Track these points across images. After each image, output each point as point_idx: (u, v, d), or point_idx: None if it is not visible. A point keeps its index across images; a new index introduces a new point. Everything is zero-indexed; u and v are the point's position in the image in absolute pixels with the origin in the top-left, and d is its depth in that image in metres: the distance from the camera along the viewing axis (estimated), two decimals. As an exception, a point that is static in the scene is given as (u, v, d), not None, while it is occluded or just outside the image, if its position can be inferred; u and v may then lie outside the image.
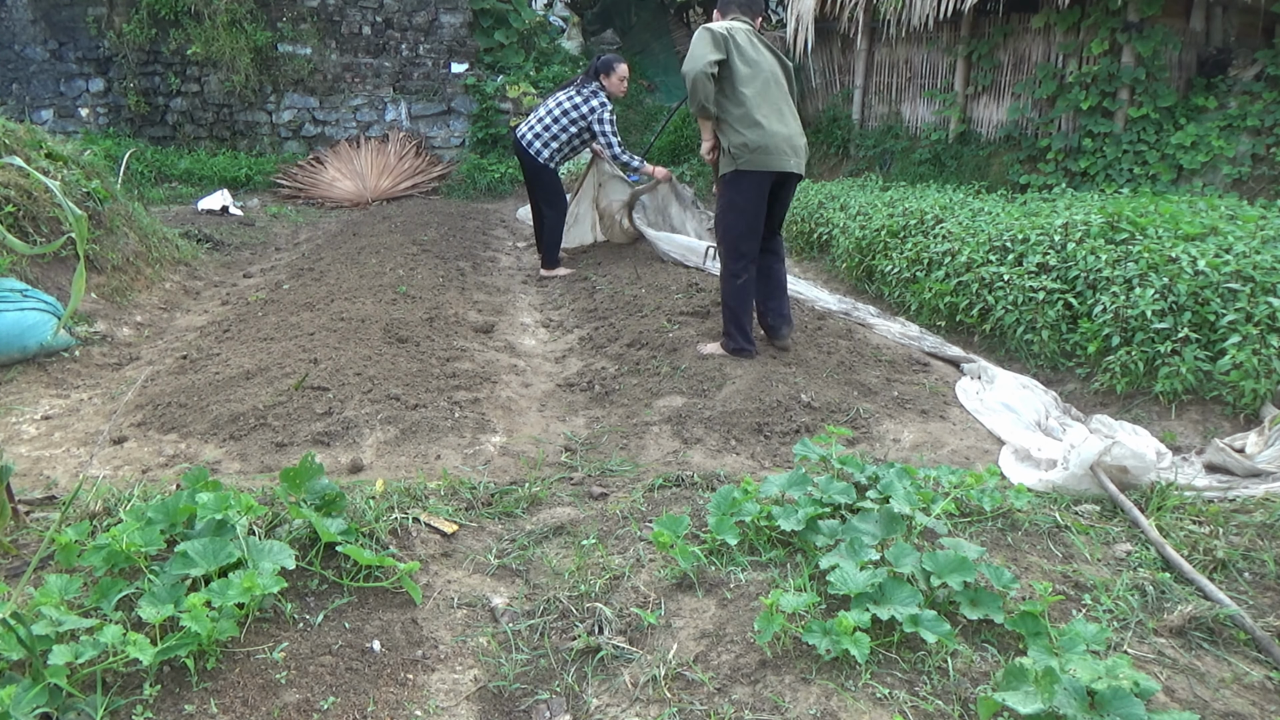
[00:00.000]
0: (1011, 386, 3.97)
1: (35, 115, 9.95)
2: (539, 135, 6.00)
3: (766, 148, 3.95)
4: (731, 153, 4.00)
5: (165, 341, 4.86)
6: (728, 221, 4.16)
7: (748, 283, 4.18)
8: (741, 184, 4.03)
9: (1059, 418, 3.81)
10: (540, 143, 6.01)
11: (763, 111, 3.96)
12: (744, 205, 4.08)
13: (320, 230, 8.18)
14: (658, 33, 13.50)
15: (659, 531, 2.33)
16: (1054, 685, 1.65)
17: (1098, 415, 3.79)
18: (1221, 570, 2.38)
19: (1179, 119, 6.41)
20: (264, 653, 1.94)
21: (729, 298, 4.20)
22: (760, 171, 3.99)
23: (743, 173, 4.00)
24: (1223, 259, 3.98)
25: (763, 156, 3.96)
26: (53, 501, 2.76)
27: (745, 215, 4.09)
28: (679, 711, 1.83)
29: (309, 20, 10.19)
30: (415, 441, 3.40)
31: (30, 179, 4.85)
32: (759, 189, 4.04)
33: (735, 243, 4.14)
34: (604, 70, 6.03)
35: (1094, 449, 2.95)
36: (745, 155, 3.96)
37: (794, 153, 4.04)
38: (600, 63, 6.10)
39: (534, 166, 6.10)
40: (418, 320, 4.77)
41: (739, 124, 3.96)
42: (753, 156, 3.96)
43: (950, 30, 8.01)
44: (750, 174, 4.00)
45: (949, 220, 5.55)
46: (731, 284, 4.18)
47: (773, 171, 4.00)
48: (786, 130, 4.02)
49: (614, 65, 6.06)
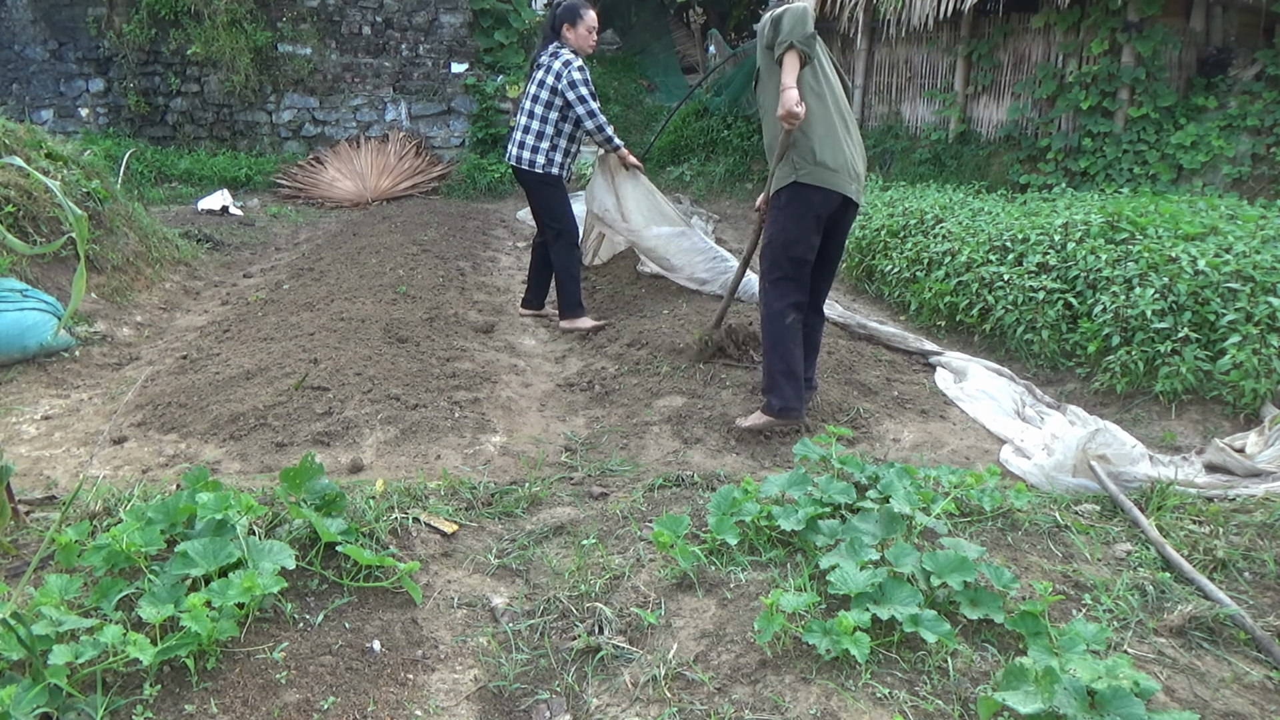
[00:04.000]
0: (985, 375, 4.08)
1: (35, 115, 9.95)
2: (523, 144, 4.85)
3: (834, 165, 3.36)
4: (794, 161, 3.37)
5: (165, 341, 4.86)
6: (776, 248, 3.47)
7: (796, 324, 3.49)
8: (799, 201, 3.38)
9: (1034, 405, 3.92)
10: (528, 150, 4.83)
11: (834, 123, 3.39)
12: (800, 230, 3.41)
13: (320, 230, 8.18)
14: (657, 33, 13.51)
15: (659, 531, 2.33)
16: (1054, 685, 1.65)
17: (1071, 406, 3.90)
18: (1221, 570, 2.38)
19: (1179, 119, 6.41)
20: (264, 653, 1.94)
21: (774, 341, 3.47)
22: (824, 189, 3.35)
23: (803, 187, 3.36)
24: (1223, 259, 3.98)
25: (828, 174, 3.35)
26: (53, 501, 2.76)
27: (800, 242, 3.43)
28: (679, 711, 1.83)
29: (309, 20, 10.19)
30: (415, 441, 3.40)
31: (30, 179, 4.85)
32: (818, 211, 3.39)
33: (785, 274, 3.46)
34: (566, 20, 4.73)
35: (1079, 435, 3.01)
36: (808, 167, 3.34)
37: (855, 178, 3.44)
38: (561, 10, 4.75)
39: (532, 181, 4.89)
40: (418, 320, 4.77)
41: (810, 127, 3.34)
42: (816, 170, 3.34)
43: (950, 30, 8.01)
44: (812, 190, 3.36)
45: (949, 220, 5.55)
46: (778, 325, 3.46)
47: (836, 193, 3.38)
48: (851, 152, 3.44)
49: (579, 11, 4.74)
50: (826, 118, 3.37)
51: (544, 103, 4.75)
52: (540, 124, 4.79)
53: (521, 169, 4.88)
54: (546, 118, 4.77)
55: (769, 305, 3.49)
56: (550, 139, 4.80)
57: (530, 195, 4.98)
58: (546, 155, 4.82)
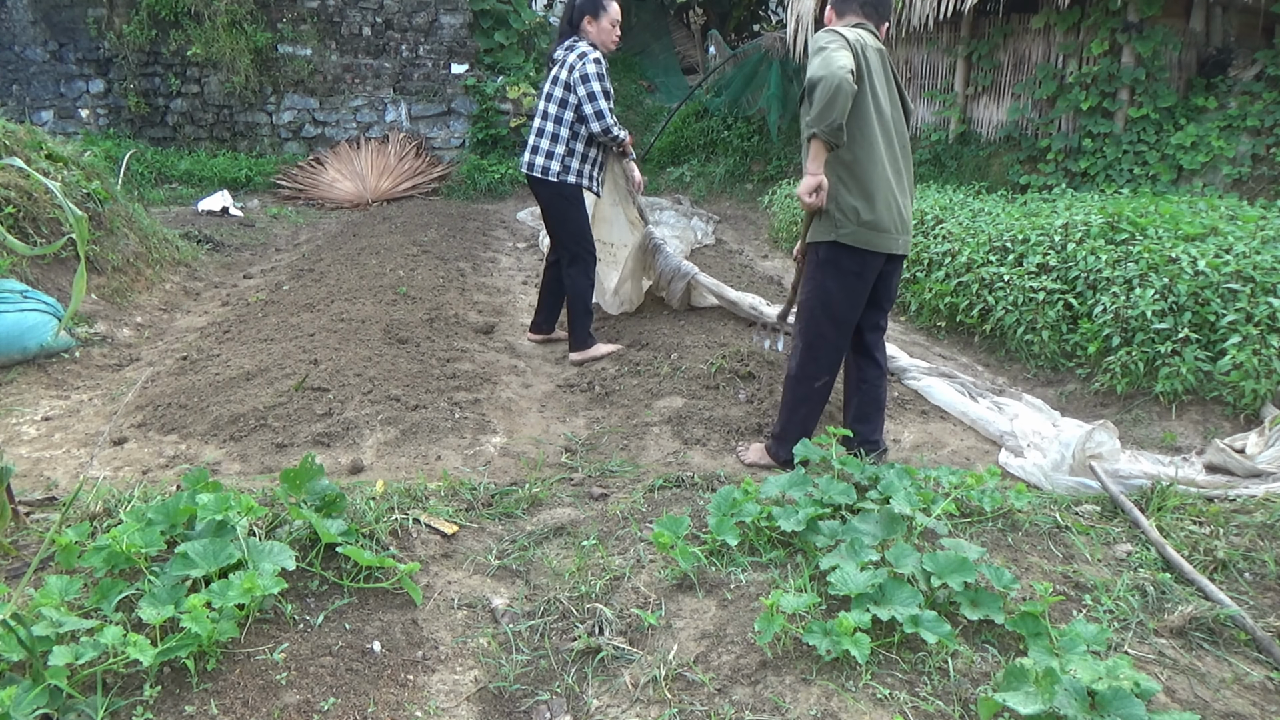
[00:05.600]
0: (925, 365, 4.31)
1: (35, 116, 9.96)
2: (535, 148, 4.29)
3: (880, 224, 2.97)
4: (835, 217, 2.98)
5: (165, 342, 4.86)
6: (815, 308, 3.11)
7: (826, 387, 3.19)
8: (841, 263, 3.02)
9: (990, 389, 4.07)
10: (542, 156, 4.26)
11: (883, 172, 2.96)
12: (841, 292, 3.05)
13: (320, 231, 8.19)
14: (657, 33, 13.52)
15: (659, 532, 2.33)
16: (1054, 686, 1.65)
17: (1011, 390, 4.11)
18: (1222, 570, 2.38)
19: (1179, 119, 6.41)
20: (264, 653, 1.94)
21: (797, 400, 3.20)
22: (867, 251, 2.99)
23: (844, 248, 2.99)
24: (1223, 259, 3.98)
25: (872, 234, 2.97)
26: (53, 503, 2.76)
27: (840, 304, 3.07)
28: (679, 712, 1.83)
29: (309, 21, 10.20)
30: (415, 442, 3.40)
31: (30, 180, 4.85)
32: (863, 273, 3.03)
33: (822, 336, 3.12)
34: (588, 12, 4.23)
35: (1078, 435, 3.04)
36: (850, 227, 2.96)
37: (903, 230, 3.05)
38: (582, 2, 4.24)
39: (547, 192, 4.31)
40: (418, 321, 4.77)
41: (853, 179, 2.95)
42: (859, 231, 2.96)
43: (950, 31, 8.01)
44: (854, 252, 2.99)
45: (949, 220, 5.55)
46: (805, 387, 3.18)
47: (881, 254, 3.02)
48: (902, 201, 3.04)
49: (602, 3, 4.22)
50: (874, 168, 2.94)
51: (558, 101, 4.22)
52: (555, 125, 4.24)
53: (535, 177, 4.30)
54: (561, 118, 4.22)
55: (801, 367, 3.16)
56: (566, 142, 4.23)
57: (546, 209, 4.39)
58: (562, 161, 4.24)
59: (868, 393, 3.22)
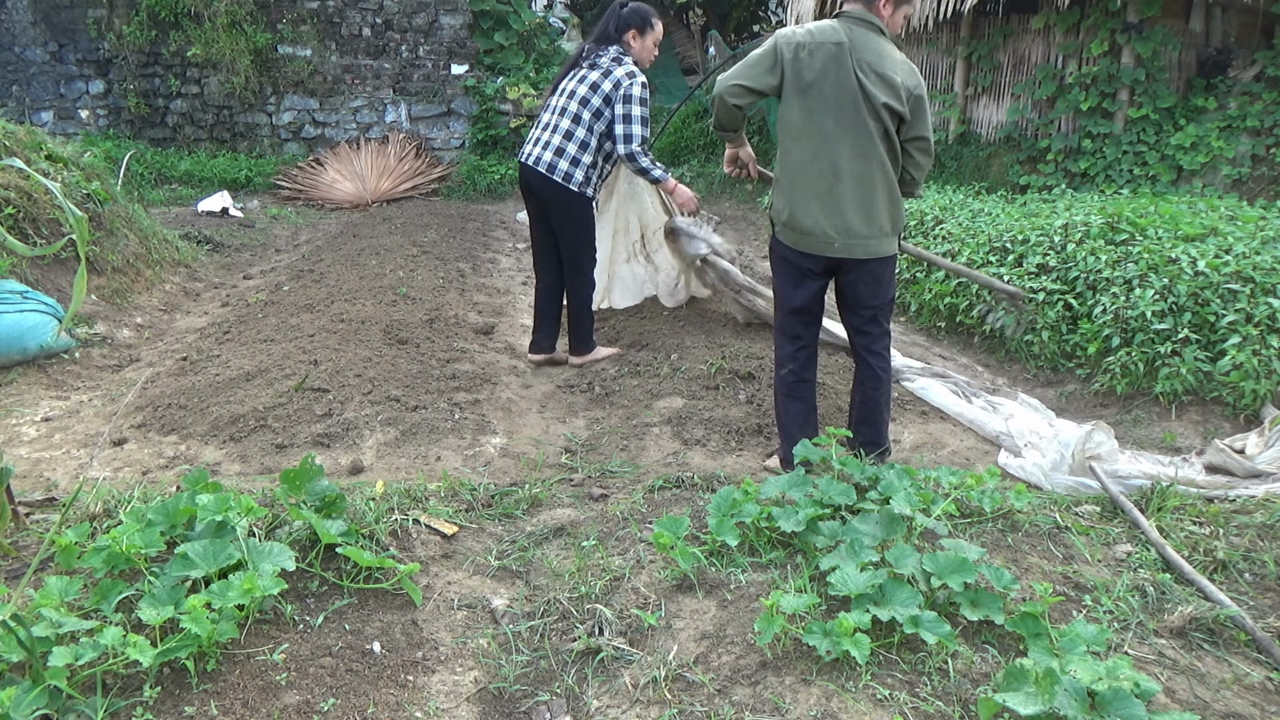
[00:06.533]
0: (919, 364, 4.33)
1: (35, 117, 9.96)
2: (561, 150, 3.99)
3: (800, 226, 2.94)
4: (774, 206, 3.05)
5: (165, 343, 4.86)
6: (774, 294, 3.21)
7: (791, 377, 3.14)
8: (779, 251, 3.09)
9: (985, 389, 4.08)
10: (566, 160, 3.99)
11: (805, 176, 2.91)
12: (782, 281, 3.12)
13: (320, 232, 8.19)
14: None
15: (659, 533, 2.32)
16: (1054, 686, 1.65)
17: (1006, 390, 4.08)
18: (1222, 571, 2.38)
19: (1179, 120, 6.41)
20: (264, 654, 1.94)
21: (776, 393, 3.23)
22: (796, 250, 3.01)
23: (778, 241, 3.07)
24: (1222, 260, 3.98)
25: (796, 235, 2.97)
26: (53, 503, 2.76)
27: (785, 293, 3.12)
28: (679, 713, 1.83)
29: (309, 22, 10.20)
30: (415, 443, 3.40)
31: (30, 181, 4.85)
32: (799, 266, 3.02)
33: (780, 324, 3.18)
34: (635, 25, 4.01)
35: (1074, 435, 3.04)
36: (779, 225, 3.03)
37: (844, 234, 2.91)
38: (629, 13, 4.01)
39: (563, 199, 4.05)
40: (418, 322, 4.77)
41: (782, 179, 2.99)
42: (784, 229, 3.01)
43: (950, 31, 8.02)
44: (785, 247, 3.04)
45: (949, 221, 5.55)
46: (777, 377, 3.20)
47: (815, 255, 2.97)
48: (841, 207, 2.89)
49: (651, 21, 4.04)
50: (794, 172, 2.91)
51: (594, 110, 3.96)
52: (585, 133, 3.98)
53: (554, 180, 4.00)
54: (593, 128, 3.99)
55: (776, 353, 3.22)
56: (593, 153, 4.01)
57: (557, 217, 4.15)
58: (585, 172, 4.01)
59: (862, 394, 3.19)
